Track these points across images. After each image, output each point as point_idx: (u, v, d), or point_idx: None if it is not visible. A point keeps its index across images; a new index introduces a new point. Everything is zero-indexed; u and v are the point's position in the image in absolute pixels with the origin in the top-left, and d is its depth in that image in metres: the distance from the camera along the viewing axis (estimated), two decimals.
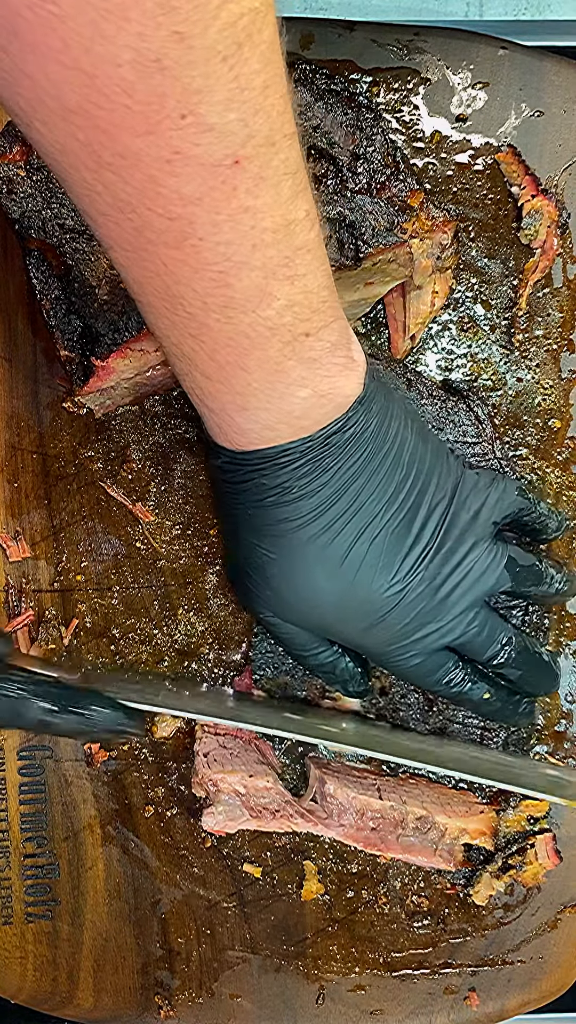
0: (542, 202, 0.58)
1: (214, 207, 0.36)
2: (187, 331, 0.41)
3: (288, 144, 0.37)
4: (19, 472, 0.59)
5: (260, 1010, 0.60)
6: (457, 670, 0.52)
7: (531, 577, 0.53)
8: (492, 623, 0.52)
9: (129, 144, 0.33)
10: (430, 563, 0.49)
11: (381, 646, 0.51)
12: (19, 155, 0.52)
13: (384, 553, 0.49)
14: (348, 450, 0.47)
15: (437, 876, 0.60)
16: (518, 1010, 0.61)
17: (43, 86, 0.32)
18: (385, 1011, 0.61)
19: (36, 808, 0.60)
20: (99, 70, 0.31)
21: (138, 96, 0.32)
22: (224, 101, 0.33)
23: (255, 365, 0.43)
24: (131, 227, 0.37)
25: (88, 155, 0.34)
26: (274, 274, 0.40)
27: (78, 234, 0.52)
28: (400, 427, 0.49)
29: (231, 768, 0.57)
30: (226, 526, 0.52)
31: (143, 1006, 0.60)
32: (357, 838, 0.58)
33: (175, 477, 0.60)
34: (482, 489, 0.52)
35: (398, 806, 0.57)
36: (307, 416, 0.45)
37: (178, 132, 0.33)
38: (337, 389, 0.45)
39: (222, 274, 0.39)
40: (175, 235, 0.37)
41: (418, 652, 0.51)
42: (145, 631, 0.60)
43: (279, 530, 0.48)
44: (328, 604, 0.50)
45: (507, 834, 0.59)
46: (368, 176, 0.52)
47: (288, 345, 0.42)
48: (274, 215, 0.38)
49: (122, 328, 0.51)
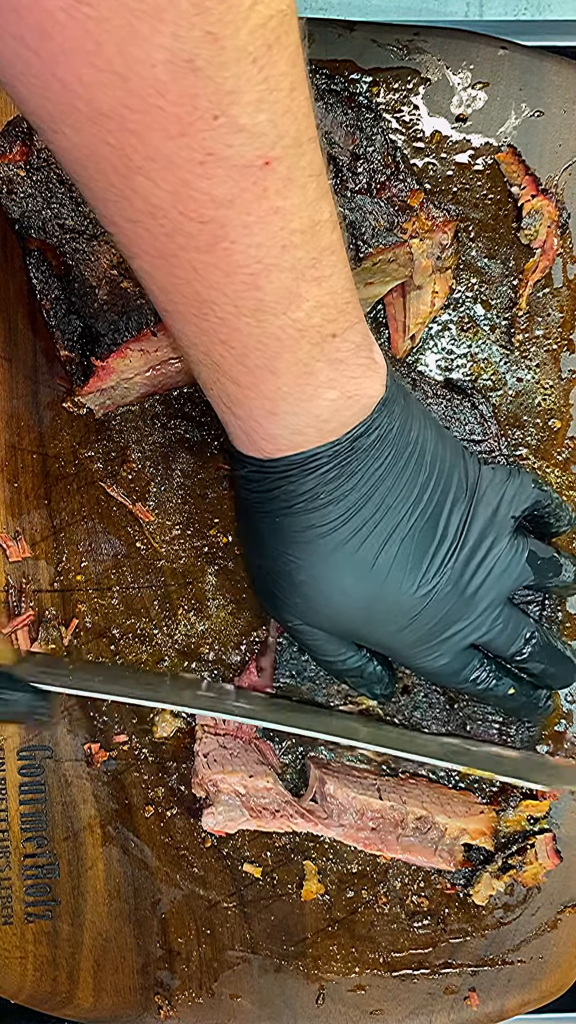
0: (542, 202, 0.58)
1: (245, 209, 0.36)
2: (217, 337, 0.41)
3: (312, 147, 0.37)
4: (19, 472, 0.59)
5: (260, 1010, 0.60)
6: (482, 668, 0.52)
7: (551, 569, 0.53)
8: (516, 618, 0.52)
9: (161, 147, 0.33)
10: (456, 561, 0.50)
11: (410, 647, 0.51)
12: (19, 155, 0.52)
13: (412, 554, 0.49)
14: (374, 453, 0.47)
15: (437, 876, 0.60)
16: (518, 1010, 0.61)
17: (74, 90, 0.32)
18: (385, 1011, 0.61)
19: (36, 808, 0.60)
20: (133, 71, 0.31)
21: (171, 97, 0.32)
22: (255, 102, 0.34)
23: (285, 368, 0.43)
24: (161, 232, 0.37)
25: (119, 159, 0.34)
26: (303, 275, 0.40)
27: (78, 234, 0.52)
28: (421, 427, 0.49)
29: (231, 768, 0.57)
30: (250, 537, 0.52)
31: (143, 1006, 0.60)
32: (357, 838, 0.58)
33: (175, 477, 0.60)
34: (499, 484, 0.52)
35: (398, 806, 0.57)
36: (334, 419, 0.45)
37: (211, 133, 0.33)
38: (363, 390, 0.46)
39: (253, 276, 0.39)
40: (207, 239, 0.37)
41: (445, 652, 0.51)
42: (145, 631, 0.60)
43: (307, 536, 0.48)
44: (358, 608, 0.50)
45: (507, 834, 0.59)
46: (368, 176, 0.52)
47: (317, 347, 0.43)
48: (302, 216, 0.38)
49: (122, 328, 0.51)
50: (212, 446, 0.60)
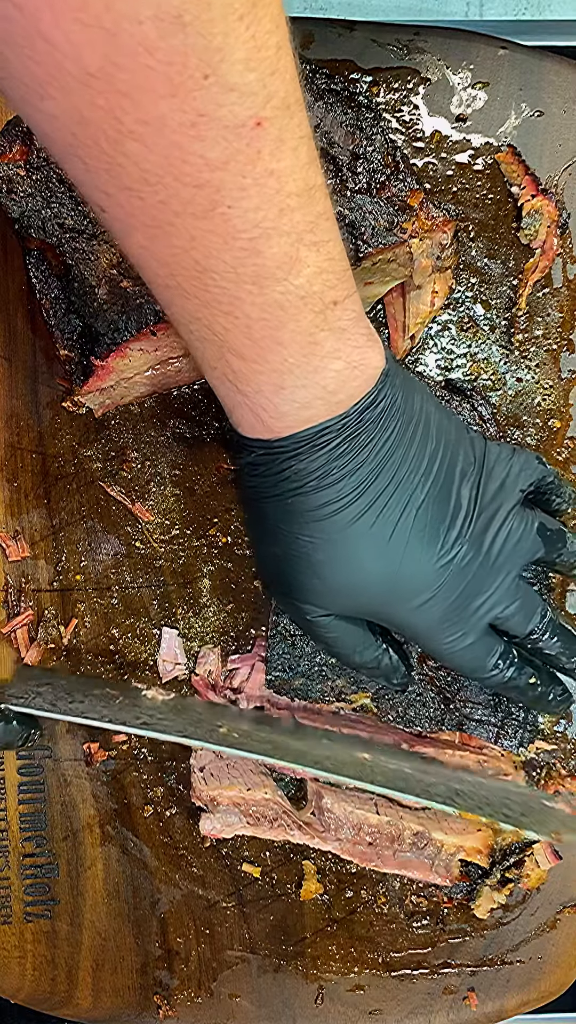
0: (542, 202, 0.58)
1: (240, 171, 0.36)
2: (219, 308, 0.41)
3: (299, 110, 0.37)
4: (19, 472, 0.59)
5: (259, 1010, 0.60)
6: (506, 655, 0.53)
7: (560, 541, 0.53)
8: (530, 594, 0.52)
9: (152, 108, 0.33)
10: (472, 531, 0.50)
11: (434, 624, 0.51)
12: (19, 155, 0.52)
13: (429, 525, 0.49)
14: (382, 424, 0.47)
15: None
16: (517, 1010, 0.61)
17: (62, 48, 0.31)
18: (384, 1011, 0.61)
19: (35, 808, 0.60)
20: (121, 27, 0.31)
21: (160, 56, 0.32)
22: (244, 60, 0.33)
23: (290, 338, 0.42)
24: (156, 200, 0.36)
25: (110, 123, 0.33)
26: (301, 239, 0.40)
27: (78, 233, 0.52)
28: (423, 400, 0.49)
29: (228, 783, 0.57)
30: (260, 525, 0.51)
31: (142, 1006, 0.60)
32: (353, 852, 0.58)
33: (175, 477, 0.60)
34: (506, 459, 0.52)
35: (395, 821, 0.57)
36: (341, 390, 0.45)
37: (201, 92, 0.33)
38: (367, 360, 0.46)
39: (252, 241, 0.38)
40: (203, 204, 0.36)
41: (470, 629, 0.51)
42: (145, 631, 0.60)
43: (322, 514, 0.48)
44: (378, 584, 0.49)
45: (502, 846, 0.59)
46: (368, 176, 0.52)
47: (320, 315, 0.42)
48: (296, 179, 0.38)
49: (122, 328, 0.51)
50: (212, 446, 0.60)
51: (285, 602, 0.53)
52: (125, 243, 0.40)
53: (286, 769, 0.58)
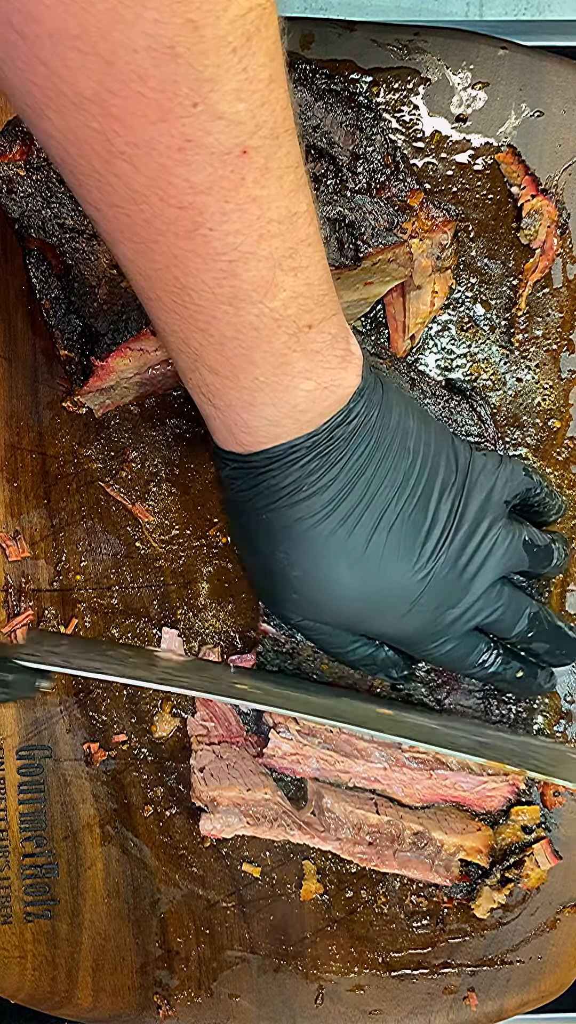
0: (542, 202, 0.58)
1: (223, 196, 0.37)
2: (195, 325, 0.42)
3: (289, 139, 0.38)
4: (19, 472, 0.59)
5: (259, 1010, 0.60)
6: (490, 652, 0.53)
7: (546, 558, 0.54)
8: (517, 598, 0.52)
9: (142, 132, 0.34)
10: (451, 544, 0.50)
11: (415, 635, 0.52)
12: (19, 155, 0.52)
13: (404, 539, 0.49)
14: (353, 442, 0.47)
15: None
16: (517, 1010, 0.61)
17: (59, 73, 0.33)
18: (384, 1011, 0.61)
19: (35, 807, 0.60)
20: (116, 56, 0.32)
21: (152, 83, 0.33)
22: (234, 91, 0.34)
23: (262, 358, 0.43)
24: (142, 218, 0.37)
25: (101, 144, 0.35)
26: (280, 265, 0.40)
27: (78, 233, 0.52)
28: (401, 414, 0.49)
29: (228, 783, 0.57)
30: (241, 537, 0.52)
31: (142, 1006, 0.60)
32: (353, 852, 0.58)
33: (174, 477, 0.60)
34: (491, 470, 0.52)
35: (395, 821, 0.57)
36: (311, 409, 0.46)
37: (190, 120, 0.34)
38: (338, 381, 0.46)
39: (231, 263, 0.39)
40: (185, 225, 0.37)
41: (451, 636, 0.52)
42: (145, 631, 0.60)
43: (295, 530, 0.48)
44: (357, 598, 0.50)
45: (502, 845, 0.59)
46: (368, 176, 0.52)
47: (293, 337, 0.43)
48: (279, 206, 0.39)
49: (122, 328, 0.51)
50: (211, 446, 0.60)
51: (270, 609, 0.54)
52: (114, 253, 0.42)
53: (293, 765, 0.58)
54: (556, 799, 0.60)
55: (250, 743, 0.59)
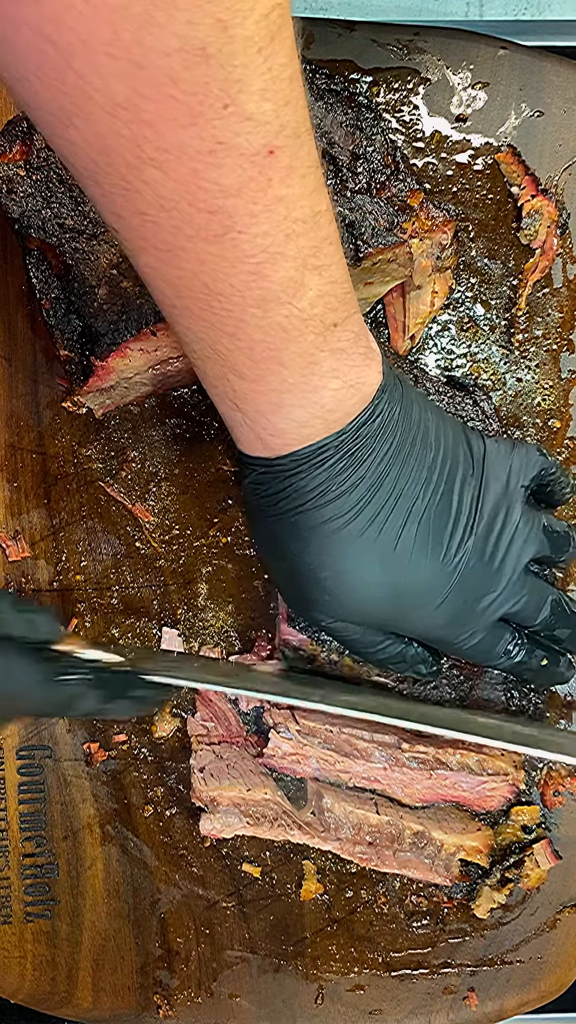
0: (542, 202, 0.58)
1: (252, 198, 0.37)
2: (223, 330, 0.42)
3: (309, 138, 0.38)
4: (19, 472, 0.59)
5: (259, 1010, 0.60)
6: (515, 641, 0.53)
7: (566, 543, 0.54)
8: (540, 587, 0.53)
9: (173, 136, 0.34)
10: (476, 534, 0.50)
11: (444, 629, 0.52)
12: (19, 155, 0.52)
13: (432, 534, 0.49)
14: (380, 439, 0.47)
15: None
16: (517, 1010, 0.61)
17: (91, 80, 0.32)
18: (384, 1011, 0.61)
19: (35, 808, 0.60)
20: (149, 60, 0.32)
21: (183, 86, 0.33)
22: (260, 91, 0.35)
23: (290, 359, 0.43)
24: (170, 224, 0.37)
25: (130, 151, 0.35)
26: (306, 264, 0.41)
27: (78, 233, 0.52)
28: (420, 410, 0.50)
29: (228, 783, 0.57)
30: (267, 542, 0.51)
31: (142, 1005, 0.60)
32: (353, 852, 0.58)
33: (174, 477, 0.60)
34: (505, 455, 0.52)
35: (395, 821, 0.57)
36: (339, 408, 0.46)
37: (220, 122, 0.34)
38: (363, 378, 0.46)
39: (259, 265, 0.39)
40: (215, 229, 0.37)
41: (479, 628, 0.52)
42: (145, 631, 0.60)
43: (324, 531, 0.48)
44: (387, 596, 0.50)
45: (502, 845, 0.59)
46: (368, 176, 0.52)
47: (320, 336, 0.43)
48: (303, 205, 0.39)
49: (122, 328, 0.51)
50: (211, 445, 0.60)
51: (299, 612, 0.54)
52: (135, 262, 0.41)
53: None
54: (556, 799, 0.60)
55: (250, 743, 0.59)
